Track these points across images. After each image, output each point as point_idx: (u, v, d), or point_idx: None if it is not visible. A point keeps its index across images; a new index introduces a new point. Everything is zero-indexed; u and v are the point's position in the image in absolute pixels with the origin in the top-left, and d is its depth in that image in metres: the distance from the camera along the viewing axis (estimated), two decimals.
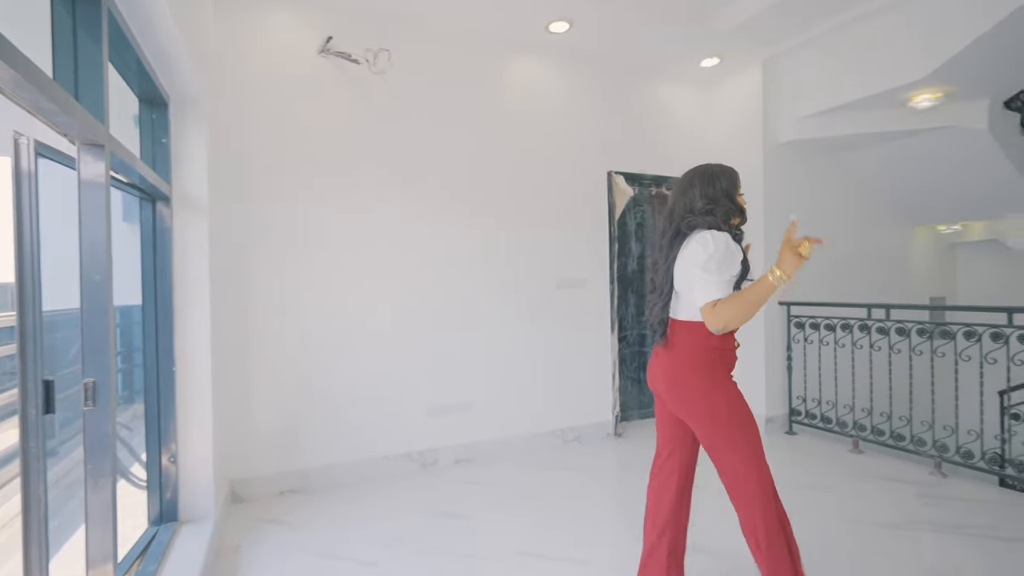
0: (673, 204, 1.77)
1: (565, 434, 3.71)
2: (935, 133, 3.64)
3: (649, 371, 1.83)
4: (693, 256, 1.60)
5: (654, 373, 1.78)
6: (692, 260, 1.60)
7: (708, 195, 1.70)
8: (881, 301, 3.30)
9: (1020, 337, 2.69)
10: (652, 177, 4.16)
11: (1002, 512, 2.54)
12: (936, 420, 3.09)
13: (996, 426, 3.61)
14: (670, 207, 1.78)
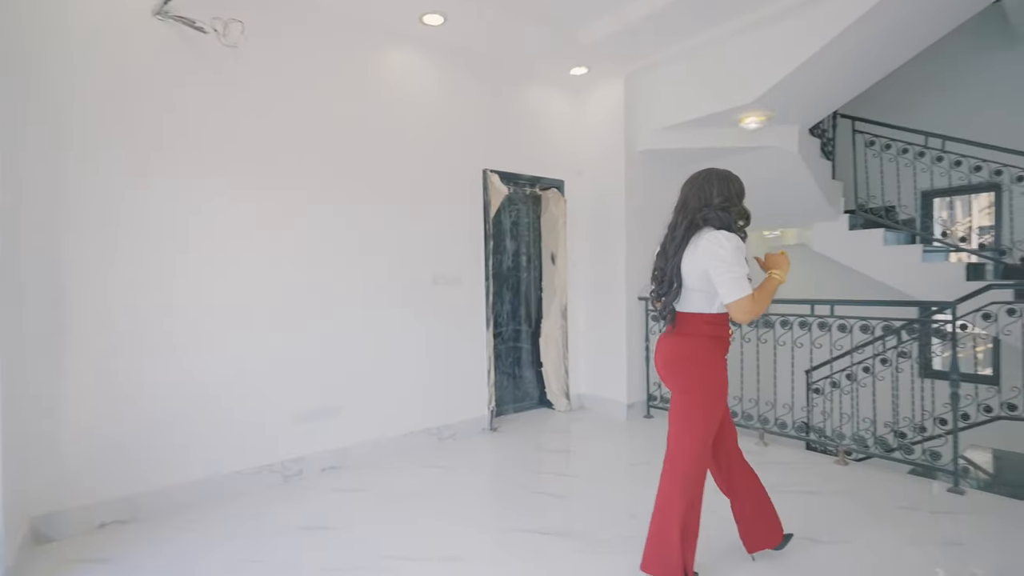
0: (687, 198, 1.86)
1: (441, 432, 3.67)
2: (759, 151, 4.24)
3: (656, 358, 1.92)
4: (713, 254, 1.71)
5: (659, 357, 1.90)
6: (714, 256, 1.71)
7: (724, 193, 1.83)
8: None
9: (820, 324, 3.23)
10: (528, 177, 4.28)
11: (807, 470, 3.04)
12: (760, 397, 3.60)
13: (804, 399, 4.31)
14: (683, 201, 1.87)
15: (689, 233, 1.81)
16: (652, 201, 4.45)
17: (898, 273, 4.54)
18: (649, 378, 4.29)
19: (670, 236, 1.88)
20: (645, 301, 4.28)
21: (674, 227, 1.87)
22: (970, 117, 4.87)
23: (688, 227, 1.82)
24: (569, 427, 4.10)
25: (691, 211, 1.83)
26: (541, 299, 4.57)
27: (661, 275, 1.88)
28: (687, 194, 1.88)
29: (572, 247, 4.54)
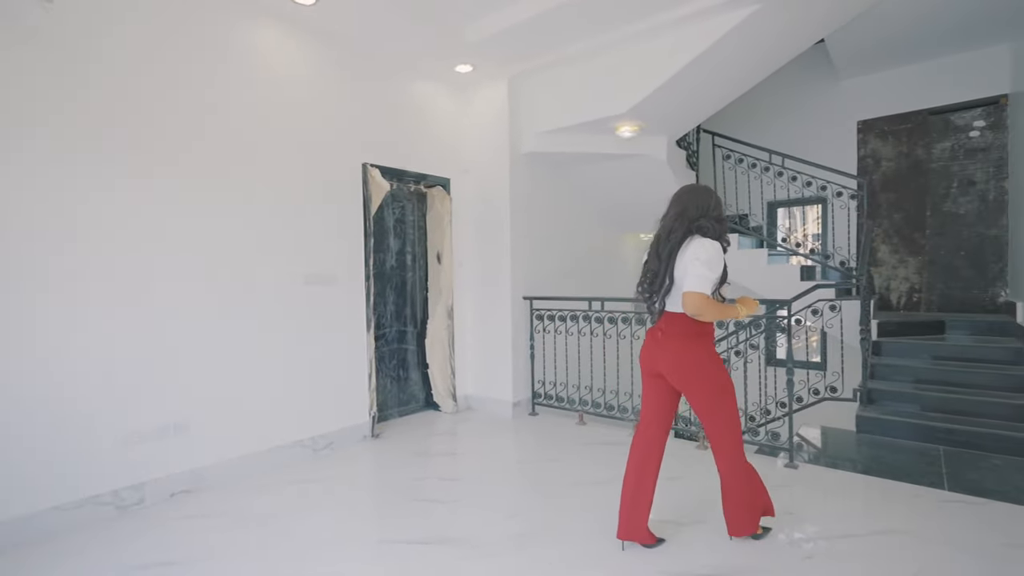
0: (685, 206, 2.02)
1: (316, 443, 3.42)
2: (633, 159, 4.52)
3: (646, 355, 2.13)
4: (695, 254, 1.92)
5: (653, 356, 2.10)
6: (695, 256, 1.92)
7: (719, 205, 2.06)
8: (606, 294, 3.96)
9: None
10: (413, 174, 4.15)
11: (672, 456, 3.28)
12: (633, 390, 3.83)
13: None
14: (682, 209, 2.02)
15: (684, 239, 2.00)
16: (537, 202, 4.56)
17: (749, 274, 5.11)
18: (534, 376, 4.38)
19: (664, 240, 2.03)
20: (530, 301, 4.36)
21: (669, 232, 2.02)
22: (805, 139, 5.63)
23: (685, 233, 2.00)
24: (455, 429, 4.05)
25: (689, 219, 2.01)
26: (427, 299, 4.46)
27: (653, 276, 2.05)
28: (686, 203, 2.04)
29: (458, 246, 4.50)
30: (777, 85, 5.93)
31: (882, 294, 5.37)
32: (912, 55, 4.98)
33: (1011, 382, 3.66)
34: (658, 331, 2.11)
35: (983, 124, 4.85)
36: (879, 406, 3.89)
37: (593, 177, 4.98)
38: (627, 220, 5.69)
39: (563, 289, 4.74)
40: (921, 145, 5.13)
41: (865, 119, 5.41)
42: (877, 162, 5.37)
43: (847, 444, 3.65)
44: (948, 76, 4.95)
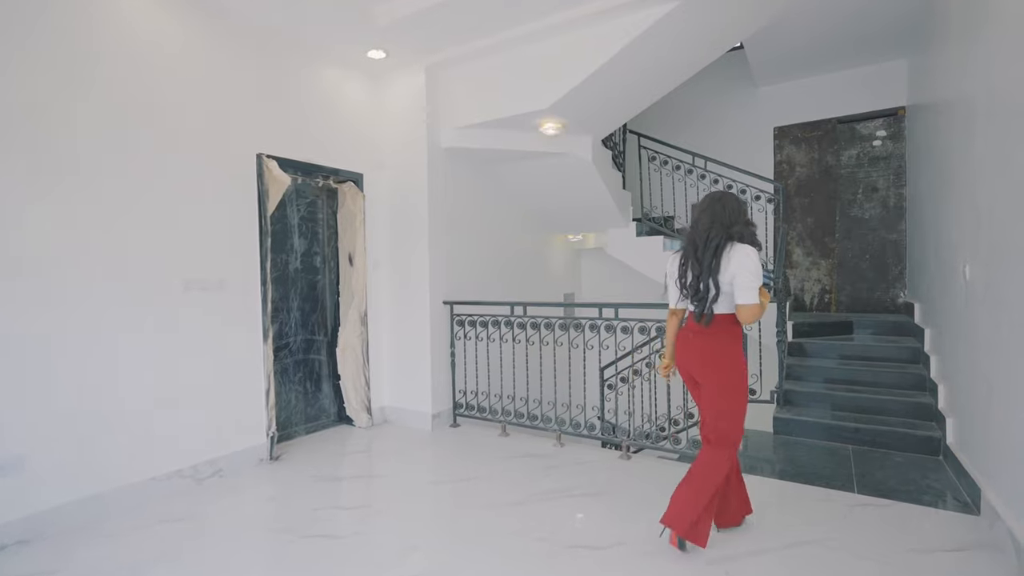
0: (717, 214, 2.10)
1: (199, 471, 3.01)
2: (558, 157, 4.39)
3: (681, 360, 2.26)
4: (743, 264, 2.01)
5: (687, 358, 2.22)
6: (743, 267, 2.01)
7: (746, 210, 2.17)
8: (535, 297, 3.81)
9: (607, 327, 3.40)
10: (321, 167, 3.80)
11: (597, 467, 3.16)
12: (557, 399, 3.69)
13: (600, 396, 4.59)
14: (712, 216, 2.10)
15: (722, 246, 2.07)
16: (458, 200, 4.32)
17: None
18: (455, 386, 4.15)
19: (704, 246, 2.10)
20: (451, 305, 4.12)
21: (707, 239, 2.09)
22: (726, 143, 5.75)
23: (723, 239, 2.07)
24: (369, 445, 3.74)
25: (725, 226, 2.09)
26: (339, 304, 4.11)
27: (696, 282, 2.12)
28: (717, 210, 2.12)
29: (373, 247, 4.18)
30: (700, 89, 6.04)
31: (797, 295, 5.58)
32: (823, 65, 5.19)
33: (910, 380, 3.84)
34: (688, 332, 2.23)
35: (884, 134, 5.14)
36: (794, 407, 3.97)
37: (518, 176, 4.81)
38: (555, 221, 5.58)
39: (488, 293, 4.54)
40: (831, 152, 5.37)
41: (781, 125, 5.61)
42: (792, 167, 5.57)
43: (765, 447, 3.69)
44: (854, 87, 5.20)
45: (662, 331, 3.22)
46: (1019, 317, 2.06)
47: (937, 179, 3.62)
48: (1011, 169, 2.13)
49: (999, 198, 2.29)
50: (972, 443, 2.78)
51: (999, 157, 2.29)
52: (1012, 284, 2.14)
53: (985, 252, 2.51)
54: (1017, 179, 2.06)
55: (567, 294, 6.39)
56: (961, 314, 2.95)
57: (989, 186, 2.43)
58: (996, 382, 2.33)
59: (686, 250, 2.20)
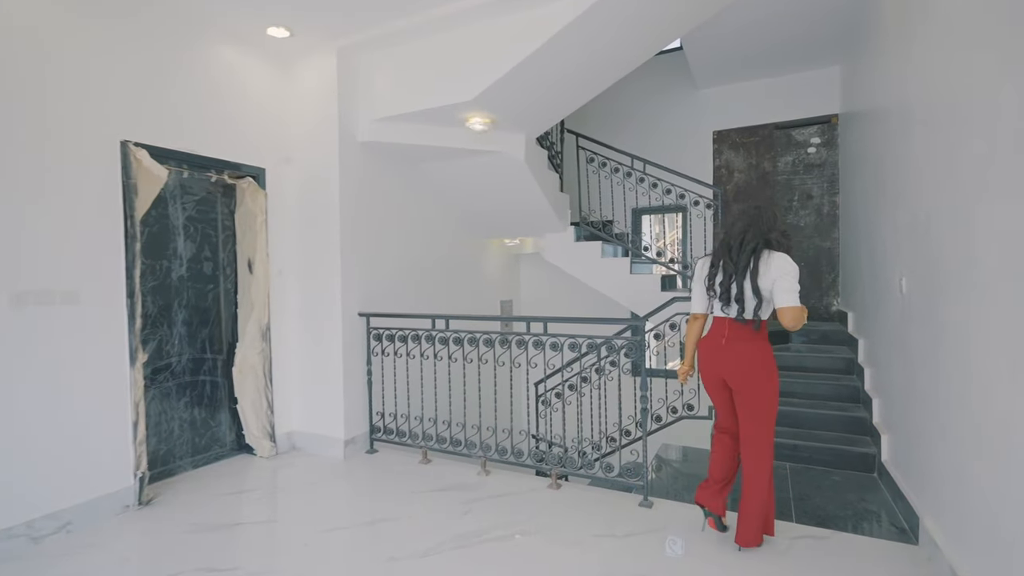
0: (753, 219, 2.16)
1: (36, 528, 2.47)
2: (488, 156, 4.07)
3: (708, 363, 2.26)
4: (785, 270, 2.06)
5: (716, 362, 2.23)
6: (785, 272, 2.05)
7: (782, 224, 2.20)
8: (466, 305, 3.47)
9: (535, 343, 3.10)
10: (212, 160, 3.31)
11: (522, 500, 2.85)
12: (483, 422, 3.36)
13: (533, 414, 4.30)
14: (749, 221, 2.16)
15: (759, 249, 2.12)
16: (378, 200, 3.92)
17: (612, 283, 4.94)
18: (372, 407, 3.74)
19: (738, 249, 2.14)
20: (367, 318, 3.71)
21: (742, 242, 2.14)
22: (666, 146, 5.64)
23: (759, 244, 2.12)
24: (269, 480, 3.28)
25: (762, 232, 2.14)
26: (237, 317, 3.61)
27: (730, 283, 2.15)
28: (753, 216, 2.18)
29: (278, 252, 3.71)
30: (640, 90, 5.90)
31: None
32: (760, 70, 5.15)
33: (845, 392, 3.79)
34: (721, 337, 2.23)
35: (819, 141, 5.15)
36: None
37: (448, 176, 4.46)
38: (489, 224, 5.26)
39: (415, 304, 4.17)
40: (768, 158, 5.34)
41: (720, 130, 5.54)
42: (730, 172, 5.52)
43: (702, 468, 3.52)
44: (790, 93, 5.19)
45: (594, 347, 2.96)
46: (962, 338, 1.92)
47: (871, 188, 3.57)
48: (954, 182, 1.99)
49: (941, 211, 2.16)
50: (909, 464, 2.68)
51: (941, 169, 2.16)
52: (954, 302, 2.00)
53: (923, 267, 2.39)
54: (962, 192, 1.92)
55: (504, 302, 6.09)
56: (897, 328, 2.86)
57: (930, 198, 2.31)
58: (939, 407, 2.20)
59: (717, 252, 2.26)
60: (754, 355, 2.17)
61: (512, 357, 3.21)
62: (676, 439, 4.01)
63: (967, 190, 1.89)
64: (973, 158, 1.84)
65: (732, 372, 2.20)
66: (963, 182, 1.93)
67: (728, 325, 2.21)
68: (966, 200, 1.90)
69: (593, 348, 2.93)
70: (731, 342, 2.20)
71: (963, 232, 1.92)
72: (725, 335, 2.22)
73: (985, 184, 1.74)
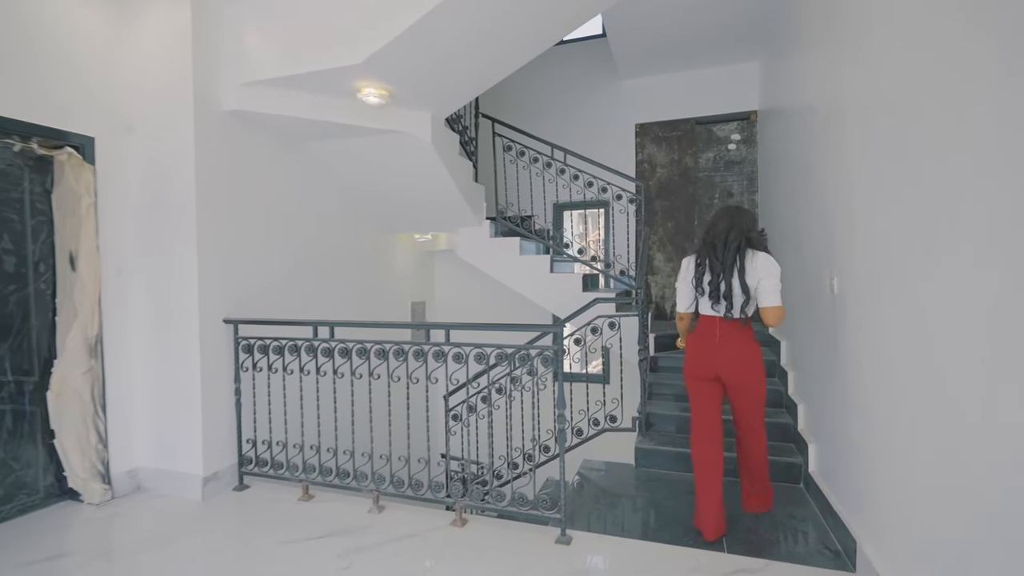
0: (735, 221, 2.32)
1: None
2: (387, 136, 3.56)
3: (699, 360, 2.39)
4: (769, 270, 2.25)
5: (711, 359, 2.36)
6: (770, 272, 2.25)
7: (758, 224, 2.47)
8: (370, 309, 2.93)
9: (435, 354, 2.64)
10: (29, 126, 2.56)
11: (419, 542, 2.38)
12: (377, 449, 2.85)
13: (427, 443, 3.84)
14: (731, 222, 2.32)
15: (743, 248, 2.25)
16: (252, 184, 3.29)
17: (531, 283, 4.58)
18: (242, 433, 3.10)
19: (723, 247, 2.26)
20: (235, 325, 3.08)
21: (726, 241, 2.26)
22: (589, 138, 5.38)
23: (742, 243, 2.25)
24: (100, 535, 2.58)
25: (742, 232, 2.27)
26: (56, 327, 2.84)
27: (718, 282, 2.26)
28: (736, 216, 2.31)
29: (114, 246, 2.98)
30: (561, 78, 5.62)
31: (658, 303, 5.38)
32: (681, 62, 5.02)
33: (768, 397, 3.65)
34: (713, 336, 2.32)
35: (739, 138, 5.10)
36: (658, 434, 3.59)
37: (344, 158, 3.89)
38: (396, 216, 4.73)
39: (302, 309, 3.57)
40: (689, 154, 5.23)
41: (643, 122, 5.37)
42: (653, 167, 5.36)
43: (626, 485, 3.23)
44: (711, 87, 5.10)
45: (503, 357, 2.54)
46: (908, 345, 1.70)
47: (796, 186, 3.45)
48: (902, 182, 1.77)
49: (881, 211, 1.95)
50: (839, 477, 2.51)
51: (881, 168, 1.95)
52: (898, 305, 1.79)
53: (859, 267, 2.20)
54: (913, 193, 1.69)
55: (416, 304, 5.57)
56: (826, 330, 2.70)
57: (866, 198, 2.11)
58: (877, 420, 1.99)
59: (701, 251, 2.34)
60: (750, 351, 2.34)
61: (409, 371, 2.72)
62: (599, 453, 3.71)
63: (903, 190, 1.68)
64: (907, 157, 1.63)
65: (730, 369, 2.33)
66: (898, 182, 1.72)
67: (719, 324, 2.33)
68: (902, 198, 1.69)
69: (503, 359, 2.52)
70: (725, 340, 2.32)
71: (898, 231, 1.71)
72: (717, 333, 2.33)
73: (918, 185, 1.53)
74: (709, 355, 2.35)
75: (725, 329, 2.32)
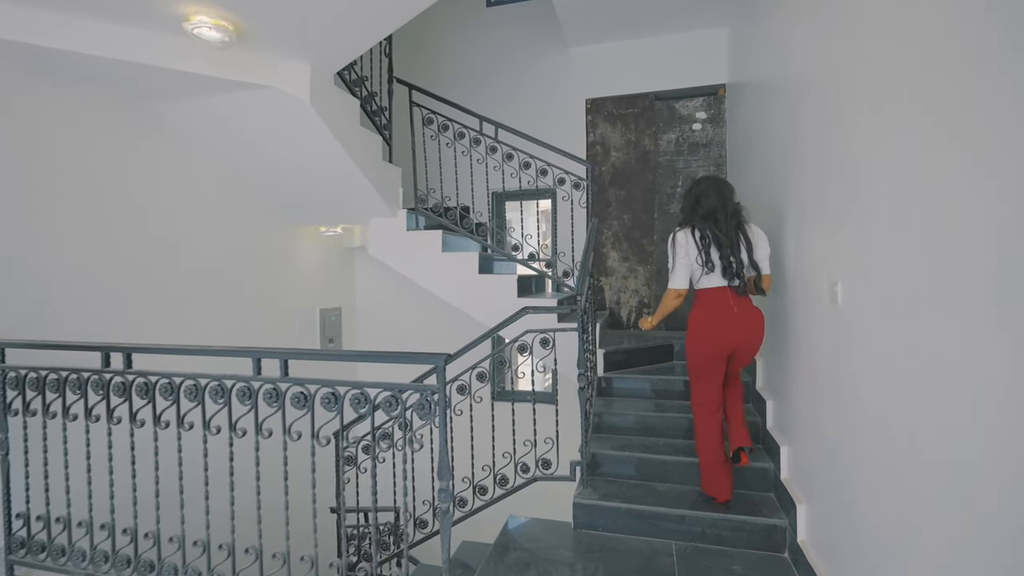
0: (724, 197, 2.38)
1: None
2: (257, 94, 2.72)
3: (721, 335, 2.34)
4: (767, 242, 2.42)
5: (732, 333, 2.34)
6: (767, 243, 2.41)
7: None
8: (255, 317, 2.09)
9: (297, 399, 1.82)
10: None
11: None
12: (187, 534, 2.00)
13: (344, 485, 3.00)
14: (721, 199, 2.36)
15: (741, 225, 2.35)
16: (42, 152, 2.39)
17: (456, 287, 3.81)
18: (10, 508, 2.19)
19: (724, 219, 2.33)
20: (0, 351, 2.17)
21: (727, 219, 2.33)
22: (534, 116, 4.64)
23: (739, 220, 2.36)
24: None
25: (733, 208, 2.37)
26: None
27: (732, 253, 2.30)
28: (720, 187, 2.40)
29: None
30: (498, 45, 4.87)
31: (612, 309, 4.68)
32: (639, 27, 4.33)
33: None
34: (729, 308, 2.33)
35: (704, 116, 4.45)
36: (604, 482, 2.84)
37: (208, 125, 3.06)
38: (287, 204, 3.86)
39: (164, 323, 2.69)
40: (648, 134, 4.55)
41: (594, 98, 4.65)
42: (606, 151, 4.65)
43: (561, 556, 2.47)
44: (673, 57, 4.43)
45: (361, 402, 1.74)
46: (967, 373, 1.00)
47: (776, 175, 2.78)
48: None
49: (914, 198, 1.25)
50: (846, 556, 1.82)
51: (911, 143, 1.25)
52: (947, 318, 1.08)
53: (881, 267, 1.50)
54: None
55: (327, 311, 4.70)
56: (826, 350, 2.01)
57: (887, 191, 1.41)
58: (906, 478, 1.29)
59: (702, 226, 2.33)
60: (761, 317, 2.39)
61: (257, 420, 1.88)
62: (530, 507, 2.96)
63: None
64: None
65: (747, 339, 2.37)
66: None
67: (731, 296, 2.34)
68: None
69: (361, 404, 1.72)
70: (743, 311, 2.35)
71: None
72: (732, 305, 2.33)
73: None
74: (728, 328, 2.34)
75: (738, 301, 2.35)
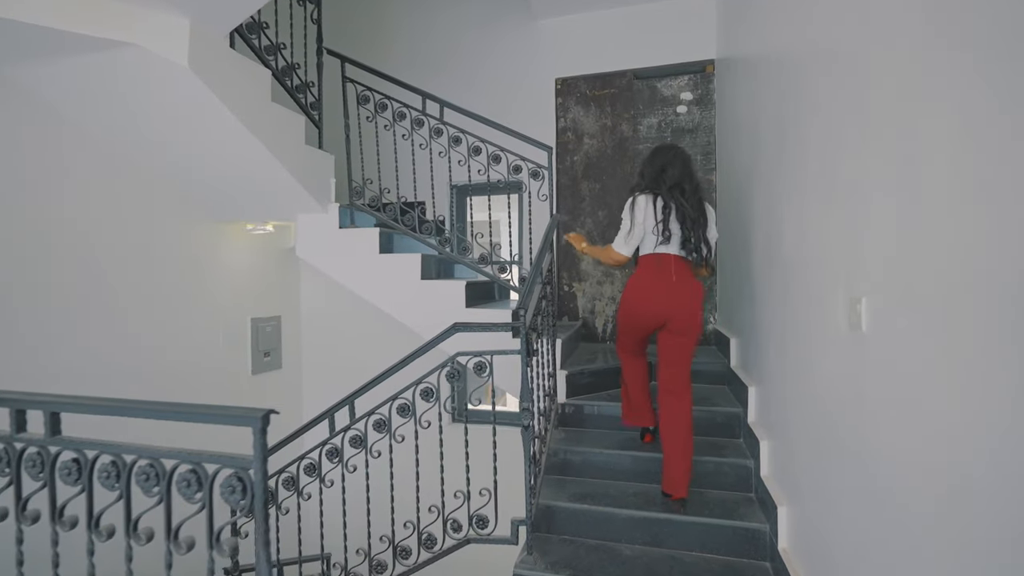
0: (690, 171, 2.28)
1: None
2: (121, 54, 2.17)
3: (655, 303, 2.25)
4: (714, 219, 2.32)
5: (668, 301, 2.22)
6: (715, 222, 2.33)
7: None
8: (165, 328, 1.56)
9: (41, 460, 1.26)
10: None
11: None
12: None
13: None
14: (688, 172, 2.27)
15: (702, 202, 2.27)
16: None
17: (396, 295, 3.26)
18: None
19: (692, 192, 2.24)
20: None
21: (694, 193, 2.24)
22: (489, 98, 4.10)
23: (700, 197, 2.26)
24: None
25: (697, 182, 2.29)
26: None
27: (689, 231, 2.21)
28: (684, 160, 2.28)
29: None
30: (459, 19, 4.34)
31: (586, 319, 4.14)
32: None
33: (730, 478, 2.42)
34: (670, 274, 2.23)
35: (690, 98, 3.92)
36: (556, 544, 2.28)
37: (71, 96, 2.51)
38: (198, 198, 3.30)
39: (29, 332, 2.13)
40: (626, 119, 4.02)
41: (565, 77, 4.12)
42: (579, 137, 4.12)
43: None
44: (654, 29, 3.92)
45: (187, 482, 1.19)
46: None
47: (774, 166, 2.25)
48: None
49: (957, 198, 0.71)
50: None
51: None
52: None
53: (923, 282, 0.97)
54: None
55: (260, 321, 4.13)
56: (833, 382, 1.48)
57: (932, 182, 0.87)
58: None
59: (665, 196, 2.22)
60: (700, 293, 2.26)
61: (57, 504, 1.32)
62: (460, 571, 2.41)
63: None
64: None
65: (681, 310, 2.23)
66: None
67: (675, 262, 2.23)
68: None
69: (152, 480, 1.17)
70: (682, 279, 2.23)
71: None
72: (673, 270, 2.23)
73: None
74: (666, 294, 2.22)
75: (681, 268, 2.25)
